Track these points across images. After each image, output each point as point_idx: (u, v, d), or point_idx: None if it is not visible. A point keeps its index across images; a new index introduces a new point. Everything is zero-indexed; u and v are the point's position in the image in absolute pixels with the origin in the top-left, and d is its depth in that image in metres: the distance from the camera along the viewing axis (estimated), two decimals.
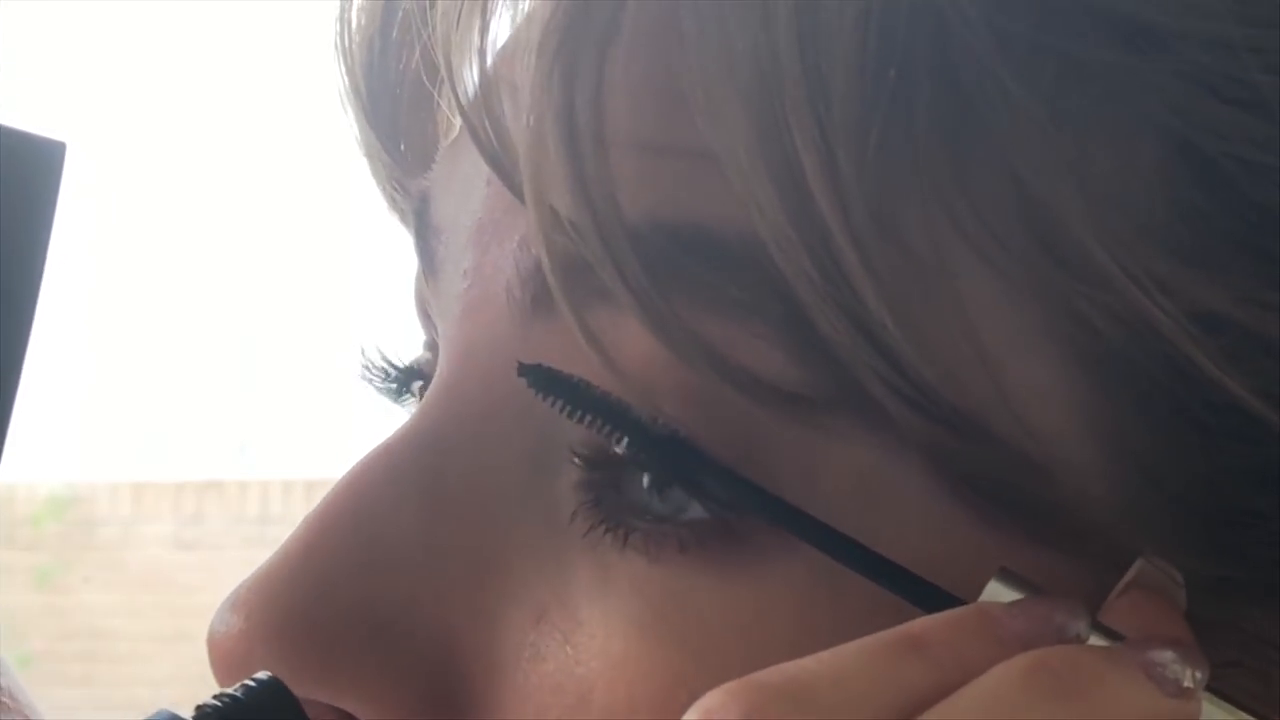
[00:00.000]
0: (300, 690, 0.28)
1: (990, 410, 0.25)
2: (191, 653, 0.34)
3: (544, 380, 0.27)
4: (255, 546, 3.10)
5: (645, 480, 0.26)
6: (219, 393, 3.01)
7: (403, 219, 0.33)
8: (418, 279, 0.31)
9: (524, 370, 0.27)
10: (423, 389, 0.32)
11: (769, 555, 0.25)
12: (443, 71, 0.28)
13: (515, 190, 0.26)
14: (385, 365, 0.33)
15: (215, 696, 0.30)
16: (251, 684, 0.30)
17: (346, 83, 0.33)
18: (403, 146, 0.33)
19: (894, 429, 0.25)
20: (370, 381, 0.33)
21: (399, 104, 0.33)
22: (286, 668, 0.28)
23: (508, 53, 0.28)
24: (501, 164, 0.27)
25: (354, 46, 0.32)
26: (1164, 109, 0.25)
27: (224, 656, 0.28)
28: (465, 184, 0.29)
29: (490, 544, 0.28)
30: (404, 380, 0.32)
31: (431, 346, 0.31)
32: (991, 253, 0.25)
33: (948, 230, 0.25)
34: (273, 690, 0.30)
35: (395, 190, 0.33)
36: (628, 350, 0.26)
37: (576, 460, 0.27)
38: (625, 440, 0.26)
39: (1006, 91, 0.25)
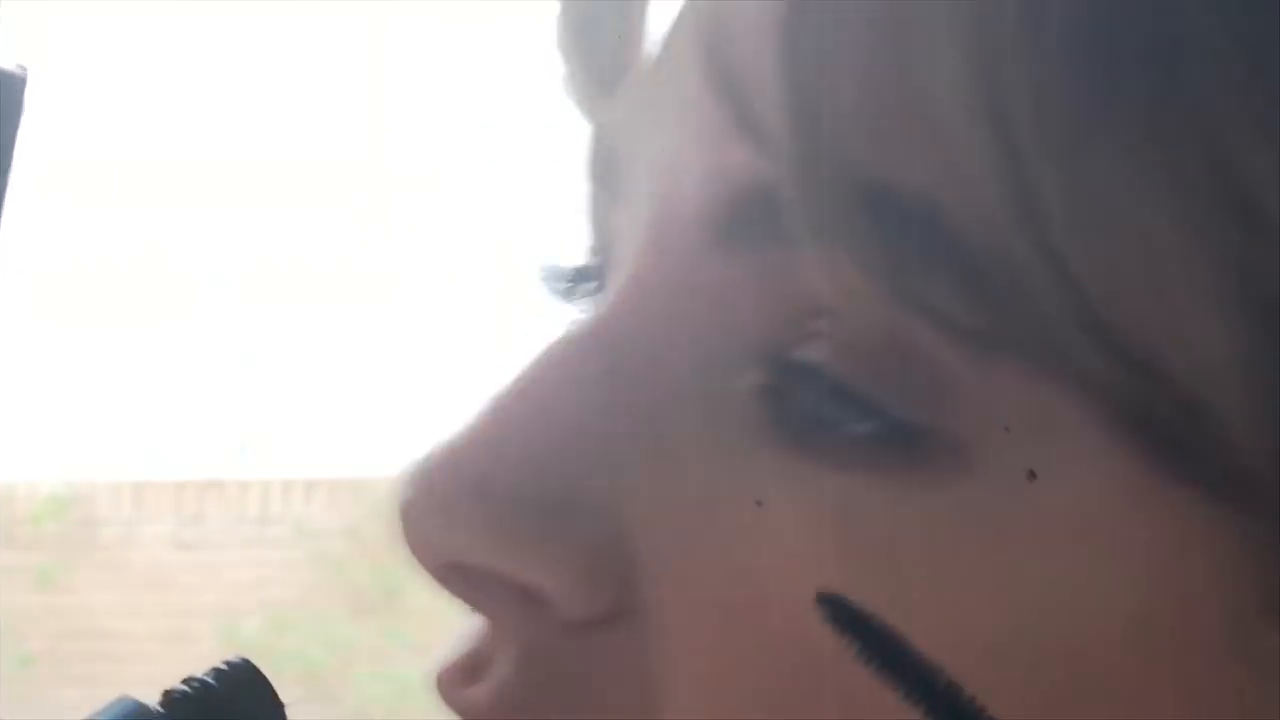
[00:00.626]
0: (476, 557, 0.29)
1: (1168, 354, 0.26)
2: (192, 652, 0.34)
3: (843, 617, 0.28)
4: (256, 546, 3.10)
5: (825, 388, 0.27)
6: (219, 393, 3.00)
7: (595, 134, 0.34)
8: (594, 204, 0.33)
9: (823, 601, 0.28)
10: (594, 290, 0.33)
11: (944, 476, 0.26)
12: None
13: (736, 119, 0.28)
14: (569, 270, 0.34)
15: (184, 681, 0.30)
16: (223, 668, 0.30)
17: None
18: (601, 63, 0.34)
19: (1073, 368, 0.26)
20: (546, 281, 0.35)
21: (601, 16, 0.34)
22: (467, 538, 0.30)
23: None
24: (730, 90, 0.28)
25: None
26: None
27: (409, 521, 0.30)
28: (658, 110, 0.31)
29: (664, 435, 0.29)
30: (576, 280, 0.34)
31: (600, 250, 0.33)
32: (1177, 206, 0.26)
33: (1136, 177, 0.26)
34: (244, 673, 0.31)
35: (588, 109, 0.35)
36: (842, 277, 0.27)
37: (757, 366, 0.28)
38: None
39: (1211, 45, 0.26)
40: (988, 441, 0.26)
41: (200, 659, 0.32)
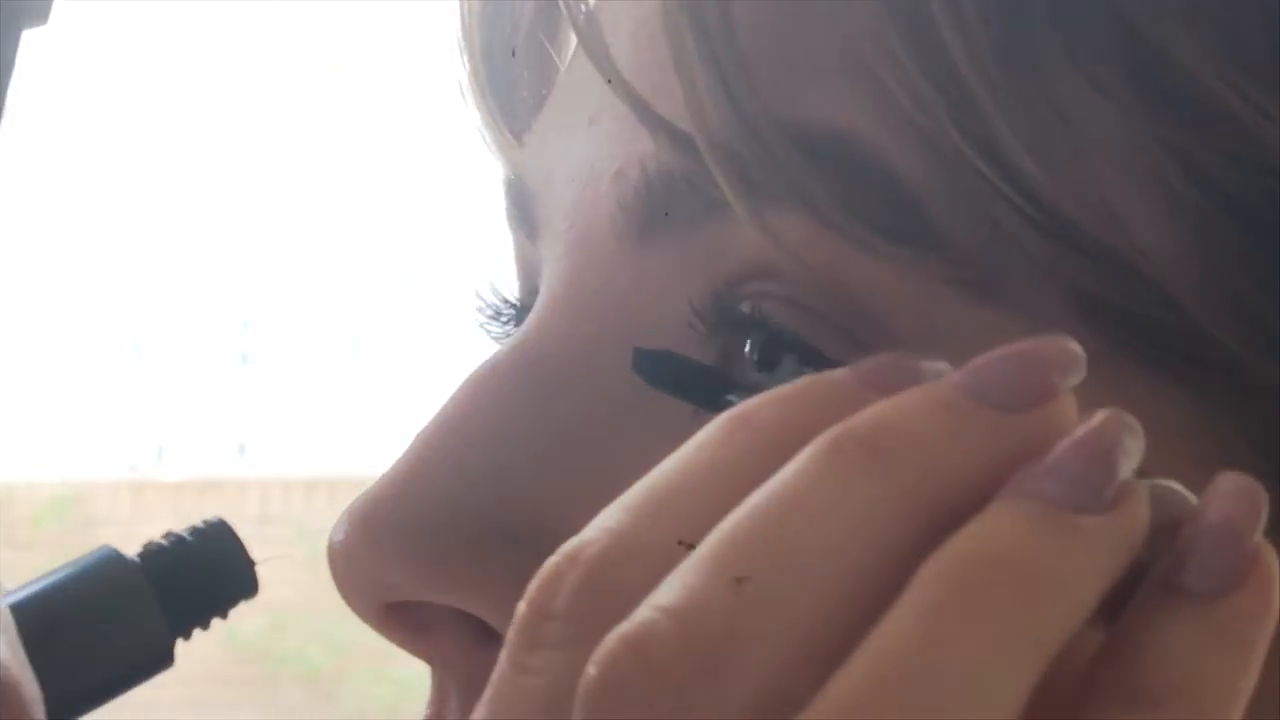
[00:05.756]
0: (420, 594, 0.28)
1: (1114, 237, 0.26)
2: (192, 651, 0.34)
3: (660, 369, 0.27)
4: (255, 546, 3.09)
5: (754, 357, 0.27)
6: (218, 393, 3.01)
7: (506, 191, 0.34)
8: (519, 252, 0.32)
9: (640, 358, 0.27)
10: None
11: None
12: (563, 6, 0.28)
13: (627, 94, 0.27)
14: (499, 302, 0.34)
15: (163, 536, 0.31)
16: (200, 525, 0.31)
17: (464, 52, 0.34)
18: (511, 119, 0.34)
19: (1035, 265, 0.25)
20: (484, 326, 0.34)
21: (511, 75, 0.34)
22: (402, 572, 0.28)
23: None
24: (610, 65, 0.28)
25: (470, 14, 0.33)
26: None
27: (341, 563, 0.29)
28: (565, 134, 0.30)
29: (600, 448, 0.28)
30: (518, 317, 0.33)
31: (531, 294, 0.32)
32: (1106, 94, 0.26)
33: (1068, 76, 0.26)
34: (218, 531, 0.31)
35: (504, 160, 0.34)
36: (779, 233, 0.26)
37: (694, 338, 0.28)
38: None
39: None
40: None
41: (200, 659, 0.32)
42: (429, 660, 0.30)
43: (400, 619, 0.29)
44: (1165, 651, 0.22)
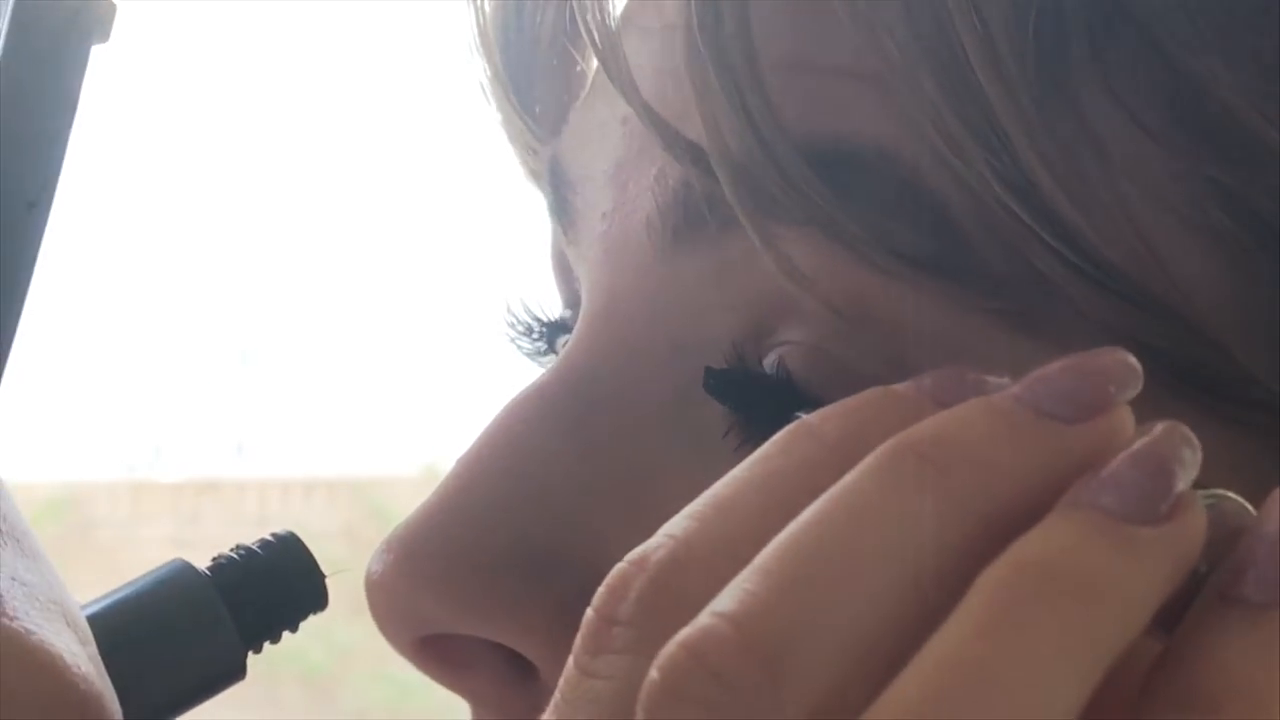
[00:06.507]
0: (459, 626, 0.28)
1: (1156, 281, 0.26)
2: None
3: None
4: None
5: (794, 399, 0.27)
6: (216, 393, 3.00)
7: (538, 182, 0.34)
8: (554, 241, 0.32)
9: (710, 378, 0.27)
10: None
11: None
12: (579, 13, 0.28)
13: (649, 117, 0.27)
14: (530, 320, 0.33)
15: (233, 549, 0.31)
16: (270, 539, 0.31)
17: (482, 50, 0.33)
18: (537, 109, 0.34)
19: (1070, 306, 0.25)
20: (515, 341, 0.33)
21: (534, 69, 0.34)
22: (441, 604, 0.28)
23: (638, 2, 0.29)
24: (635, 94, 0.28)
25: (489, 15, 0.33)
26: None
27: (379, 594, 0.29)
28: (600, 131, 0.30)
29: (644, 477, 0.28)
30: (550, 335, 0.33)
31: (571, 303, 0.32)
32: (1145, 128, 0.26)
33: (1106, 111, 0.26)
34: (289, 544, 0.31)
35: (529, 155, 0.34)
36: (802, 261, 0.26)
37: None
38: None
39: None
40: None
41: None
42: (465, 696, 0.30)
43: (436, 653, 0.29)
44: (1221, 660, 0.22)
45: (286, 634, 0.34)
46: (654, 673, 0.22)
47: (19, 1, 0.29)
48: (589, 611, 0.23)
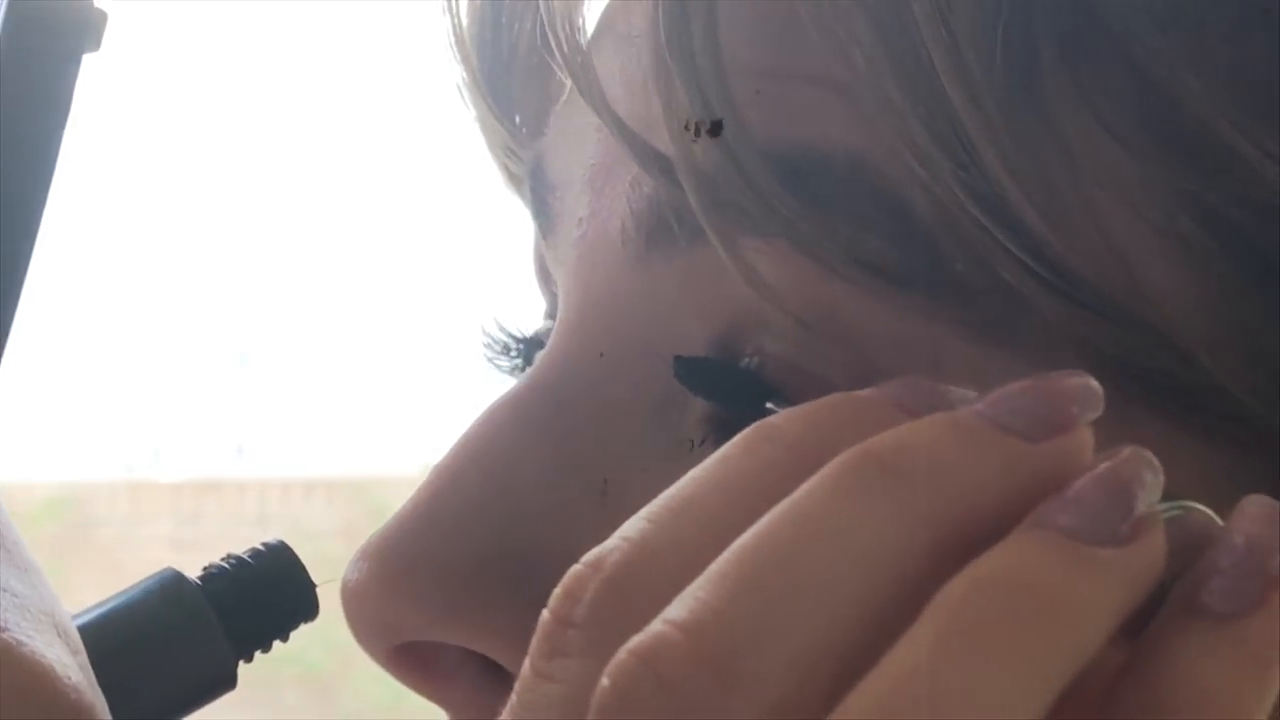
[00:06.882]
0: (433, 634, 0.28)
1: (1125, 292, 0.26)
2: None
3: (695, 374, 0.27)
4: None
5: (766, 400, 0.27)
6: (216, 393, 3.00)
7: (518, 187, 0.34)
8: (536, 245, 0.32)
9: (680, 366, 0.27)
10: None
11: None
12: (550, 28, 0.28)
13: (619, 130, 0.27)
14: (507, 338, 0.33)
15: (224, 559, 0.31)
16: (260, 549, 0.31)
17: (459, 56, 0.33)
18: (517, 118, 0.34)
19: (1039, 317, 0.25)
20: (493, 361, 0.33)
21: (512, 75, 0.34)
22: (415, 612, 0.28)
23: (614, 6, 0.29)
24: (606, 109, 0.28)
25: (465, 22, 0.33)
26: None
27: (354, 603, 0.29)
28: (579, 137, 0.30)
29: (619, 484, 0.28)
30: (527, 352, 0.33)
31: (552, 314, 0.32)
32: (1117, 137, 0.25)
33: (1078, 119, 0.26)
34: (279, 554, 0.31)
35: (510, 158, 0.34)
36: (770, 273, 0.26)
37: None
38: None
39: None
40: None
41: None
42: (442, 704, 0.30)
43: (412, 660, 0.29)
44: (1186, 669, 0.22)
45: (278, 641, 0.35)
46: (605, 680, 0.22)
47: (10, 9, 0.29)
48: (545, 613, 0.23)
